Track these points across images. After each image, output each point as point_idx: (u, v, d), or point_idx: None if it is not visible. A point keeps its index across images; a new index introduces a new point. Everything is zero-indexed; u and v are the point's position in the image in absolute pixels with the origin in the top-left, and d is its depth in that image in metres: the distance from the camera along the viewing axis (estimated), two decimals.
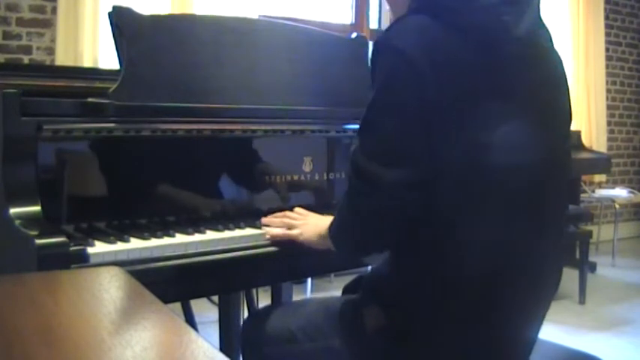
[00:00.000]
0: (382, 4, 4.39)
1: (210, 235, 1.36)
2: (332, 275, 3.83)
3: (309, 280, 3.52)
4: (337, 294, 1.54)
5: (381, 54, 1.11)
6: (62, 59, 3.06)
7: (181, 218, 1.42)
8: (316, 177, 1.66)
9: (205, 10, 3.24)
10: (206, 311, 2.88)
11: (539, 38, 1.18)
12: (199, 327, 2.36)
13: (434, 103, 1.04)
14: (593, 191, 4.94)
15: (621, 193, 4.80)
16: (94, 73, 2.03)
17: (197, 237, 1.34)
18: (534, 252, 1.14)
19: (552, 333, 1.41)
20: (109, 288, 0.88)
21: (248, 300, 2.14)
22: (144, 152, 1.42)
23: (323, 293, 3.56)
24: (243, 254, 1.36)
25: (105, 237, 1.26)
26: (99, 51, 3.08)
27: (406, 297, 1.14)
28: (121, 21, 1.41)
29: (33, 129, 1.24)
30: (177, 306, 2.24)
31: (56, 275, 1.00)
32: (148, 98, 1.42)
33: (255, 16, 3.29)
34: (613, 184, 5.38)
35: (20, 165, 1.22)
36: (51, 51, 3.15)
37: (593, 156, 4.72)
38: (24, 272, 1.09)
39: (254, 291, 2.13)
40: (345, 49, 1.82)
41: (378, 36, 1.13)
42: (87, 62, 3.05)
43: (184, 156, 1.48)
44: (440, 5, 1.10)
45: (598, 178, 5.19)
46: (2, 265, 1.27)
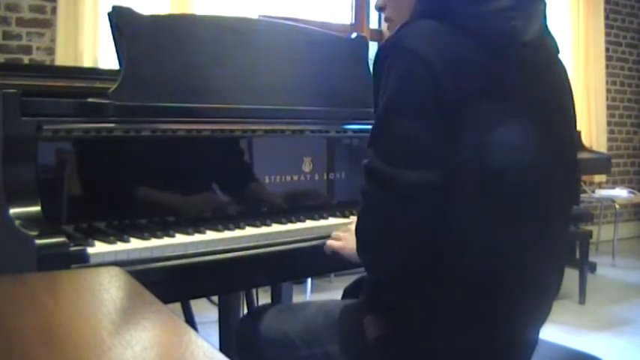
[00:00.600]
0: None
1: (210, 235, 1.36)
2: (332, 275, 3.83)
3: (309, 280, 3.52)
4: (337, 294, 1.54)
5: (393, 56, 1.07)
6: (62, 59, 3.06)
7: (181, 218, 1.42)
8: (316, 177, 1.66)
9: (205, 10, 3.24)
10: (206, 311, 2.89)
11: (546, 44, 1.17)
12: (199, 327, 2.36)
13: (448, 105, 1.03)
14: (593, 191, 4.94)
15: (621, 193, 4.80)
16: (94, 73, 2.03)
17: (197, 237, 1.34)
18: (536, 254, 1.14)
19: (552, 333, 1.40)
20: (109, 288, 0.88)
21: (248, 300, 2.14)
22: (144, 152, 1.42)
23: (323, 293, 3.56)
24: (243, 254, 1.36)
25: (105, 237, 1.26)
26: (99, 51, 3.08)
27: (406, 302, 1.12)
28: (121, 21, 1.41)
29: (33, 129, 1.24)
30: (177, 306, 2.24)
31: (56, 275, 1.00)
32: (148, 98, 1.42)
33: (255, 16, 3.29)
34: (613, 184, 5.38)
35: (20, 165, 1.22)
36: (51, 51, 3.15)
37: (593, 156, 4.72)
38: (24, 272, 1.09)
39: (254, 291, 2.13)
40: (345, 49, 1.82)
41: (385, 40, 1.11)
42: (87, 62, 3.05)
43: (184, 156, 1.48)
44: (447, 9, 1.08)
45: (598, 178, 5.19)
46: (2, 265, 1.27)
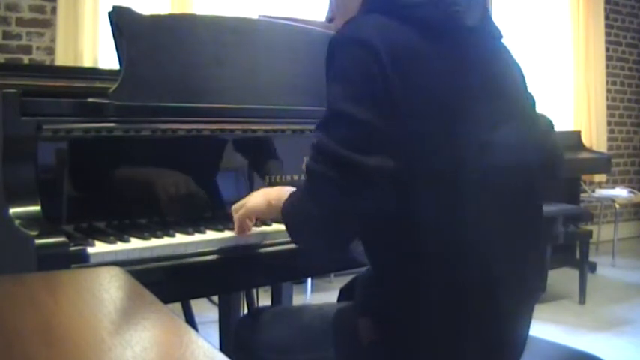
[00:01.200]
0: None
1: (210, 235, 1.36)
2: (332, 275, 3.83)
3: (309, 280, 3.52)
4: (337, 294, 1.54)
5: (340, 47, 1.10)
6: (62, 59, 3.06)
7: (181, 218, 1.42)
8: None
9: (205, 10, 3.24)
10: (206, 311, 2.89)
11: (489, 29, 1.19)
12: (199, 327, 2.36)
13: (397, 95, 1.04)
14: (593, 191, 4.94)
15: (621, 193, 4.80)
16: (94, 73, 2.02)
17: (197, 237, 1.34)
18: (518, 252, 1.14)
19: (552, 333, 1.41)
20: (109, 288, 0.88)
21: (248, 300, 2.14)
22: (144, 152, 1.42)
23: (323, 293, 3.56)
24: (243, 254, 1.36)
25: (105, 237, 1.26)
26: (99, 51, 3.09)
27: (394, 306, 1.13)
28: (121, 21, 1.41)
29: (33, 129, 1.24)
30: (177, 306, 2.24)
31: (56, 275, 1.00)
32: (148, 98, 1.42)
33: (255, 16, 3.29)
34: (613, 184, 5.38)
35: (20, 165, 1.22)
36: (51, 51, 3.15)
37: (593, 156, 4.72)
38: (24, 272, 1.09)
39: (254, 291, 2.13)
40: None
41: (333, 35, 1.13)
42: (87, 62, 3.05)
43: (184, 156, 1.48)
44: (392, 2, 1.11)
45: (598, 178, 5.20)
46: (2, 265, 1.27)
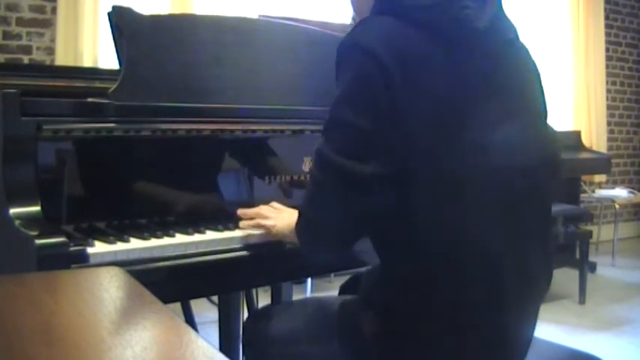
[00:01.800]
0: None
1: (210, 235, 1.36)
2: (332, 275, 3.83)
3: (309, 280, 3.52)
4: (337, 293, 1.54)
5: (347, 53, 1.10)
6: (62, 59, 3.06)
7: (181, 218, 1.42)
8: None
9: (205, 10, 3.24)
10: (206, 311, 2.89)
11: (502, 30, 1.18)
12: (199, 327, 2.36)
13: (404, 101, 1.04)
14: (593, 191, 4.94)
15: (621, 193, 4.80)
16: (94, 73, 2.03)
17: (197, 237, 1.34)
18: (521, 251, 1.14)
19: (552, 333, 1.41)
20: (109, 288, 0.88)
21: (248, 300, 2.14)
22: (144, 152, 1.42)
23: (323, 293, 3.56)
24: (243, 254, 1.36)
25: (105, 237, 1.26)
26: (99, 51, 3.09)
27: (398, 302, 1.14)
28: (121, 21, 1.41)
29: (33, 129, 1.24)
30: (177, 306, 2.24)
31: (56, 275, 1.00)
32: (148, 98, 1.42)
33: (255, 16, 3.29)
34: (613, 184, 5.38)
35: (20, 165, 1.22)
36: (51, 51, 3.15)
37: (593, 156, 4.72)
38: (24, 272, 1.09)
39: (254, 291, 2.13)
40: None
41: (344, 37, 1.13)
42: (87, 62, 3.05)
43: (184, 156, 1.48)
44: (401, 4, 1.10)
45: (598, 178, 5.20)
46: (2, 265, 1.27)
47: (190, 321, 2.23)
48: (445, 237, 1.09)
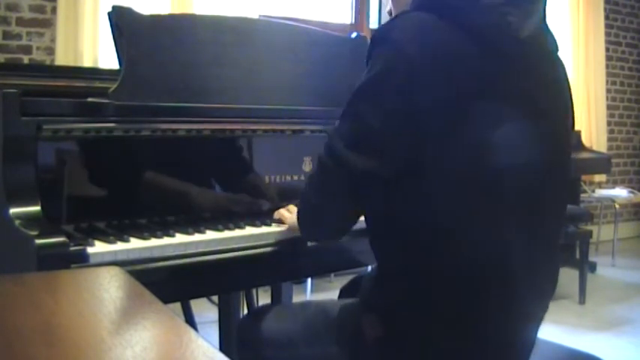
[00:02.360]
0: (382, 5, 4.39)
1: (210, 235, 1.36)
2: (332, 275, 3.83)
3: (309, 280, 3.52)
4: (337, 294, 1.54)
5: (379, 45, 1.09)
6: (62, 59, 3.05)
7: (181, 218, 1.42)
8: None
9: (205, 10, 3.24)
10: (206, 311, 2.88)
11: (543, 42, 1.16)
12: (199, 327, 2.36)
13: (428, 103, 1.03)
14: (593, 191, 4.94)
15: (621, 193, 4.80)
16: (94, 73, 2.02)
17: (197, 237, 1.34)
18: (530, 254, 1.13)
19: (552, 333, 1.40)
20: (109, 288, 0.88)
21: (248, 300, 2.14)
22: (144, 152, 1.42)
23: (323, 293, 3.56)
24: (243, 254, 1.36)
25: (105, 237, 1.26)
26: (99, 51, 3.08)
27: (400, 305, 1.13)
28: (121, 21, 1.41)
29: (33, 129, 1.24)
30: (177, 306, 2.24)
31: (56, 275, 1.00)
32: (148, 98, 1.41)
33: (255, 16, 3.29)
34: (613, 184, 5.38)
35: (20, 165, 1.22)
36: (51, 51, 3.14)
37: (593, 156, 4.72)
38: (24, 272, 1.09)
39: (254, 291, 2.13)
40: (345, 49, 1.82)
41: (378, 27, 1.12)
42: (87, 62, 3.05)
43: (184, 156, 1.48)
44: (443, 3, 1.08)
45: (598, 178, 5.19)
46: (2, 265, 1.27)
47: (190, 321, 2.23)
48: (448, 237, 1.08)
